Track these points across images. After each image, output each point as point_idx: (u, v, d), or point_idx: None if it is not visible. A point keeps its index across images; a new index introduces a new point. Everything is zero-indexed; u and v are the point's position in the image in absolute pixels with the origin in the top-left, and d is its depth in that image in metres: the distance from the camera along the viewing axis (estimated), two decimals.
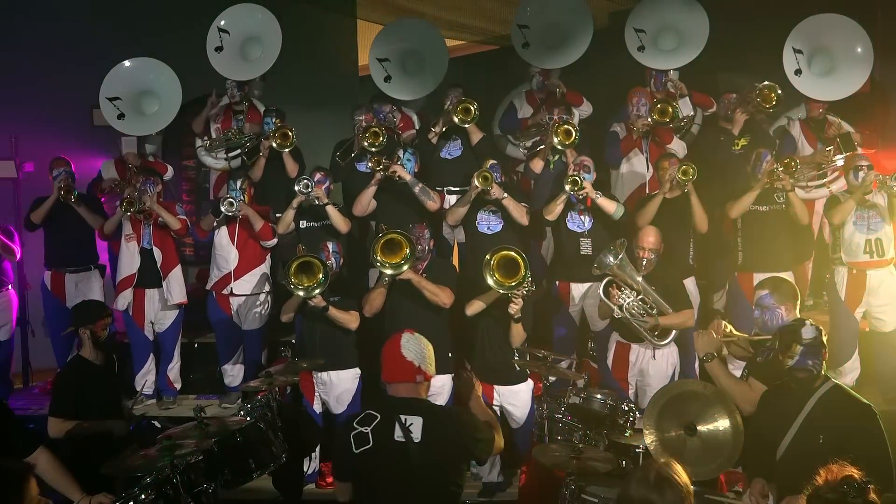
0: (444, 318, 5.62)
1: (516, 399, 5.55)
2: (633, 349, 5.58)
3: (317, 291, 5.42)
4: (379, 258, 5.35)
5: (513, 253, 5.18)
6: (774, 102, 6.49)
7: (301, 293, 5.43)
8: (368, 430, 3.19)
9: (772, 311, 4.30)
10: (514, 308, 5.18)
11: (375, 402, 3.47)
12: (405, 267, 5.32)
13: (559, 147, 6.29)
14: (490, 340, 5.50)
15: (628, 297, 5.39)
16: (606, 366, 5.71)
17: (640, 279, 5.40)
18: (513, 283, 5.11)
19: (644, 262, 5.48)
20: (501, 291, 5.15)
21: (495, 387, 5.51)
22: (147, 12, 8.25)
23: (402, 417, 3.17)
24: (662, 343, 5.47)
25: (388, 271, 5.37)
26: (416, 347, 3.30)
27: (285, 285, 5.54)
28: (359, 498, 3.26)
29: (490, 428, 3.38)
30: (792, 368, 3.64)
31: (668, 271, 5.64)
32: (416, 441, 3.14)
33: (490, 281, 5.15)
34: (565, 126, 6.25)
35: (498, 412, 5.49)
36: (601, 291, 5.45)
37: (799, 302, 4.41)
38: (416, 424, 3.17)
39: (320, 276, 5.43)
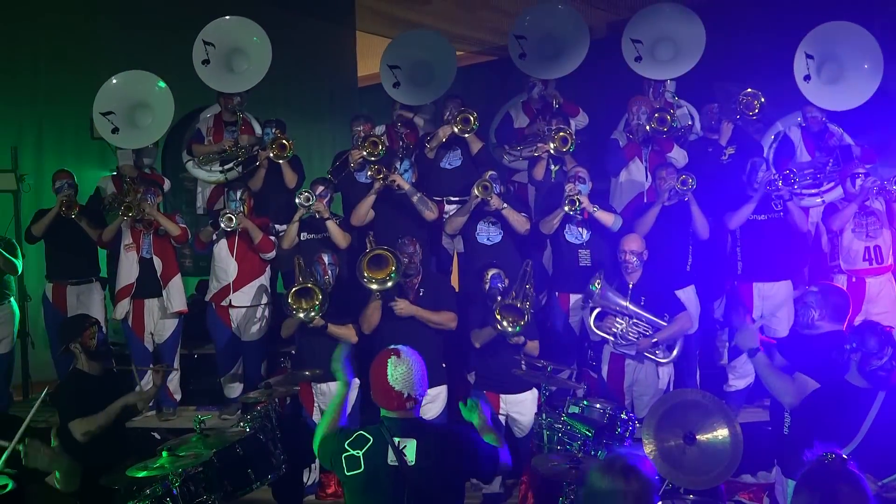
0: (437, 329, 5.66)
1: (522, 408, 5.55)
2: (628, 360, 5.60)
3: (312, 314, 5.48)
4: (366, 274, 5.39)
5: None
6: (757, 110, 6.47)
7: (301, 315, 5.49)
8: (360, 453, 3.08)
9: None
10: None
11: (375, 412, 3.36)
12: (389, 284, 5.39)
13: (554, 153, 6.32)
14: (494, 349, 5.51)
15: (620, 324, 5.43)
16: (603, 378, 5.72)
17: (627, 303, 5.44)
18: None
19: (627, 266, 5.51)
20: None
21: (501, 396, 5.52)
22: (147, 22, 8.30)
23: (396, 440, 3.07)
24: (667, 360, 5.50)
25: (374, 286, 5.42)
26: (403, 375, 3.11)
27: (284, 310, 5.59)
28: None
29: None
30: (877, 367, 3.75)
31: (657, 278, 5.67)
32: (410, 464, 3.03)
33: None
34: (562, 133, 6.29)
35: (503, 421, 5.52)
36: (591, 324, 5.50)
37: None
38: (409, 447, 3.06)
39: (318, 299, 5.48)
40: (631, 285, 5.46)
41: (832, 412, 3.81)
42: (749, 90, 6.49)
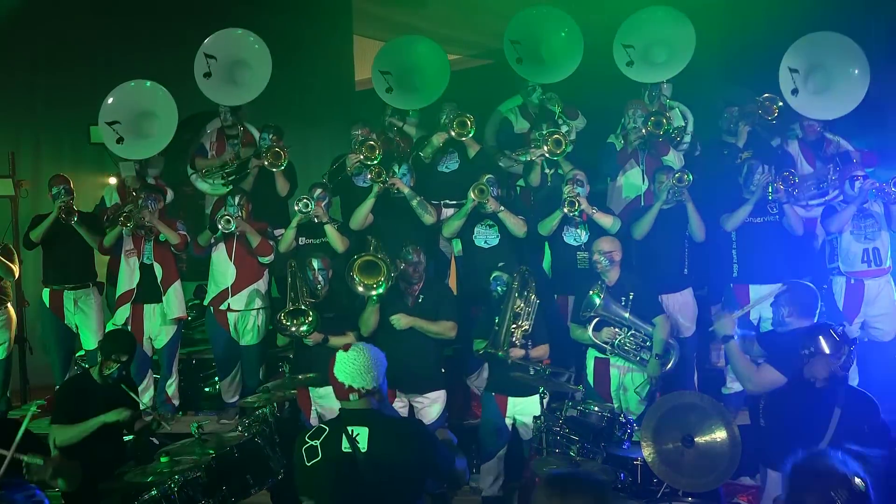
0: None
1: (529, 410, 5.52)
2: (612, 364, 5.63)
3: (304, 329, 5.50)
4: (355, 276, 5.42)
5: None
6: (776, 114, 6.49)
7: (293, 330, 5.53)
8: (318, 442, 3.22)
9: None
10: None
11: None
12: (373, 293, 5.42)
13: (549, 156, 6.33)
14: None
15: (619, 335, 5.47)
16: (588, 383, 5.71)
17: (627, 315, 5.46)
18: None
19: (597, 266, 5.55)
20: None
21: (509, 398, 5.51)
22: (145, 30, 8.30)
23: (349, 428, 3.20)
24: (668, 368, 5.55)
25: (360, 289, 5.44)
26: (346, 367, 3.23)
27: (276, 328, 5.65)
28: None
29: None
30: (839, 367, 3.94)
31: (642, 280, 5.70)
32: (363, 451, 3.15)
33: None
34: (555, 136, 6.28)
35: (510, 424, 5.53)
36: (590, 334, 5.52)
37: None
38: (361, 435, 3.19)
39: (309, 318, 5.50)
40: (627, 313, 5.49)
41: (797, 412, 3.98)
42: (767, 95, 6.49)
